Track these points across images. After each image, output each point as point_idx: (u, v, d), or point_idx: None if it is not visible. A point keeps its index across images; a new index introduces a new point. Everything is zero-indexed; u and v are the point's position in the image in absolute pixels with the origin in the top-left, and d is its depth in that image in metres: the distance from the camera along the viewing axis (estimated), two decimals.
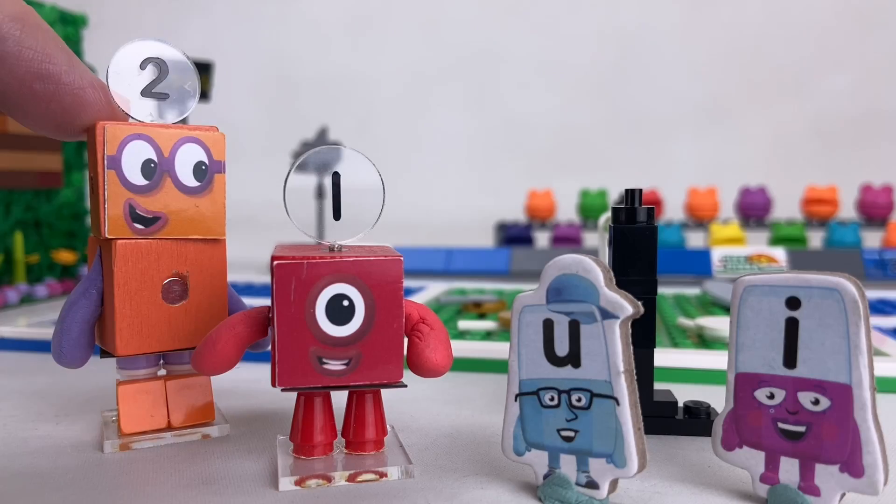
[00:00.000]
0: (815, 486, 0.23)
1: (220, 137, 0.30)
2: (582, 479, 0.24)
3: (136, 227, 0.28)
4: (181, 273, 0.29)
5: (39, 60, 0.26)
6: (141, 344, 0.29)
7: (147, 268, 0.28)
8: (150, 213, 0.28)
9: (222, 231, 0.30)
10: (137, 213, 0.28)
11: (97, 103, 0.27)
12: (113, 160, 0.27)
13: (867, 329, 0.22)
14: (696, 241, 0.91)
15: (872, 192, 0.88)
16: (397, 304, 0.26)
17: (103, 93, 0.28)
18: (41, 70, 0.26)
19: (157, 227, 0.28)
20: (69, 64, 0.27)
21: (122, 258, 0.28)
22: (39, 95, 0.26)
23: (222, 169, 0.30)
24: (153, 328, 0.29)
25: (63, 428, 0.32)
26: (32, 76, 0.26)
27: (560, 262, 0.24)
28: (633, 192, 0.30)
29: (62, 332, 0.28)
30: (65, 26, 0.67)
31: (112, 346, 0.28)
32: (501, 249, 0.84)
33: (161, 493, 0.25)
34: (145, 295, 0.28)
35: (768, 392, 0.23)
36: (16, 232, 0.63)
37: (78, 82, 0.27)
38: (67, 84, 0.26)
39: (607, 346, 0.23)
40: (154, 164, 0.28)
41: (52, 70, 0.26)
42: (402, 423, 0.33)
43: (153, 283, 0.29)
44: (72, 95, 0.27)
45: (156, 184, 0.28)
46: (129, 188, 0.28)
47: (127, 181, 0.28)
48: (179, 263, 0.29)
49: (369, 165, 0.27)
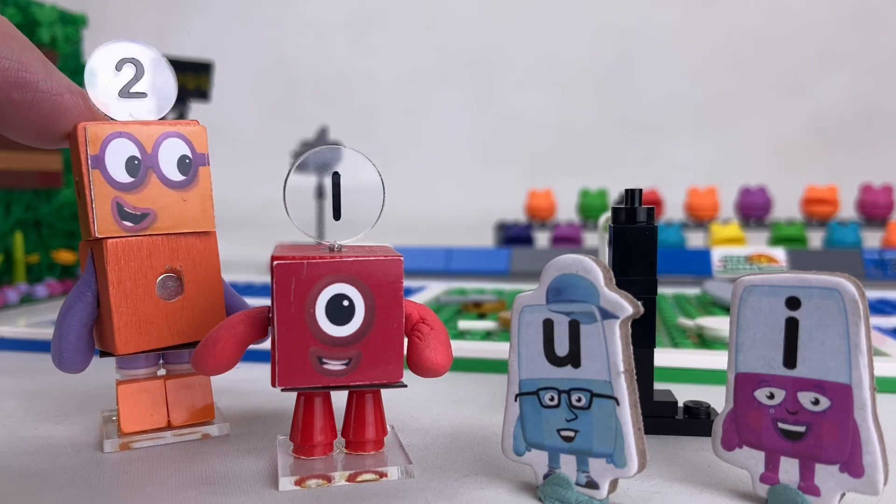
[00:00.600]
0: (814, 486, 0.23)
1: (201, 130, 0.30)
2: (582, 479, 0.24)
3: (125, 224, 0.28)
4: (175, 268, 0.29)
5: (15, 70, 0.26)
6: (140, 342, 0.29)
7: (140, 265, 0.28)
8: (138, 209, 0.28)
9: (212, 224, 0.30)
10: (125, 210, 0.28)
11: (76, 108, 0.27)
12: (96, 160, 0.27)
13: (867, 329, 0.22)
14: (696, 241, 0.91)
15: (872, 192, 0.88)
16: (397, 304, 0.26)
17: (82, 98, 0.28)
18: (18, 79, 0.26)
19: (146, 224, 0.28)
20: (46, 71, 0.27)
21: (114, 256, 0.28)
22: (17, 104, 0.26)
23: (206, 161, 0.30)
24: (151, 325, 0.29)
25: (63, 428, 0.32)
26: (10, 85, 0.26)
27: (560, 262, 0.24)
28: (633, 192, 0.30)
29: (60, 336, 0.28)
30: (65, 26, 0.67)
31: (112, 346, 0.28)
32: (501, 249, 0.84)
33: (161, 493, 0.25)
34: (140, 292, 0.28)
35: (768, 392, 0.23)
36: (16, 232, 0.63)
37: (56, 88, 0.27)
38: (45, 91, 0.26)
39: (607, 346, 0.23)
40: (138, 161, 0.28)
41: (28, 78, 0.26)
42: (402, 423, 0.33)
43: (147, 280, 0.29)
44: (50, 102, 0.27)
45: (141, 180, 0.28)
46: (115, 186, 0.28)
47: (112, 179, 0.28)
48: (172, 259, 0.29)
49: (369, 165, 0.27)
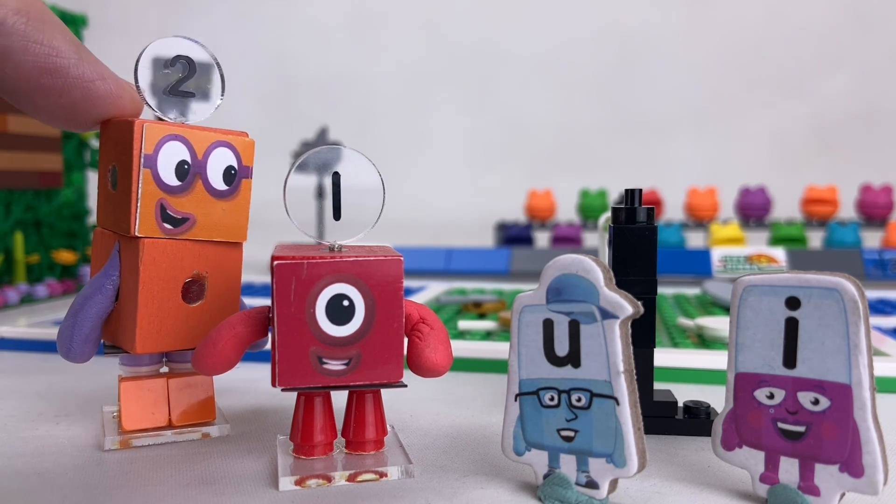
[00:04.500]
0: (814, 485, 0.23)
1: (250, 143, 0.30)
2: (582, 478, 0.24)
3: (165, 227, 0.28)
4: (201, 274, 0.29)
5: (46, 55, 0.25)
6: (160, 342, 0.29)
7: (171, 267, 0.28)
8: (180, 213, 0.28)
9: (244, 235, 0.30)
10: (168, 213, 0.28)
11: (108, 96, 0.27)
12: (149, 159, 0.27)
13: (867, 329, 0.22)
14: (696, 241, 0.91)
15: (872, 192, 0.88)
16: (397, 304, 0.26)
17: (117, 86, 0.27)
18: (48, 65, 0.25)
19: (184, 228, 0.28)
20: (78, 56, 0.26)
21: (150, 257, 0.28)
22: (48, 89, 0.26)
23: (250, 174, 0.30)
24: (171, 327, 0.29)
25: (63, 428, 0.32)
26: (39, 71, 0.25)
27: (560, 262, 0.24)
28: (633, 192, 0.30)
29: (75, 325, 0.28)
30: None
31: (131, 345, 0.28)
32: (501, 249, 0.84)
33: (161, 493, 0.25)
34: (167, 294, 0.28)
35: (768, 392, 0.24)
36: (16, 232, 0.63)
37: (88, 75, 0.26)
38: (76, 77, 0.26)
39: (607, 346, 0.23)
40: (188, 166, 0.28)
41: (59, 64, 0.25)
42: (402, 423, 0.33)
43: (175, 282, 0.29)
44: (81, 89, 0.26)
45: (188, 185, 0.28)
46: (163, 188, 0.28)
47: (161, 181, 0.27)
48: (200, 264, 0.29)
49: (369, 165, 0.27)
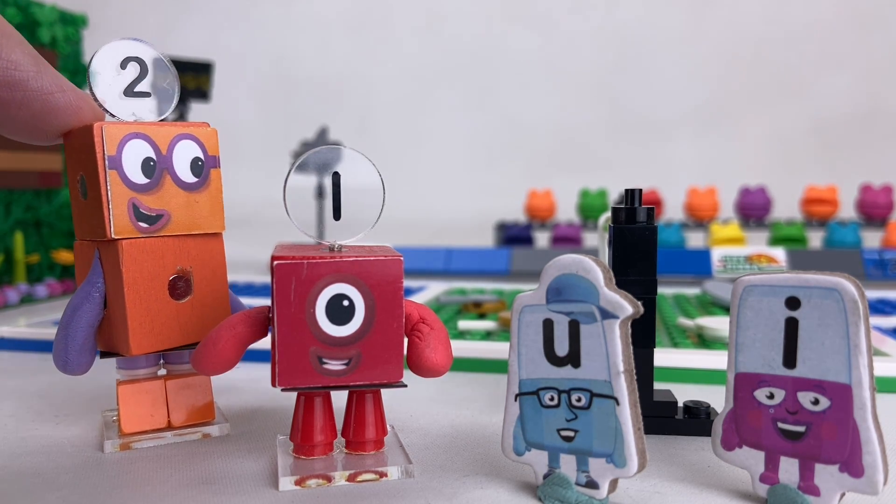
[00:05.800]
0: (814, 485, 0.23)
1: (212, 133, 0.30)
2: (582, 478, 0.24)
3: (140, 225, 0.28)
4: (185, 269, 0.29)
5: (4, 68, 0.25)
6: (154, 342, 0.29)
7: (153, 266, 0.28)
8: (153, 210, 0.28)
9: (221, 225, 0.30)
10: (141, 211, 0.28)
11: (68, 107, 0.27)
12: (114, 160, 0.27)
13: (867, 329, 0.22)
14: (696, 241, 0.91)
15: (872, 192, 0.88)
16: (397, 304, 0.26)
17: (77, 97, 0.27)
18: (7, 78, 0.26)
19: (160, 225, 0.28)
20: (37, 69, 0.26)
21: (130, 257, 0.28)
22: (7, 102, 0.26)
23: (217, 164, 0.30)
24: (163, 326, 0.29)
25: (63, 428, 0.32)
26: None
27: (560, 262, 0.24)
28: (633, 192, 0.30)
29: (67, 338, 0.28)
30: (65, 26, 0.67)
31: (125, 348, 0.28)
32: (501, 249, 0.84)
33: (161, 493, 0.25)
34: (154, 293, 0.28)
35: (768, 392, 0.24)
36: (16, 232, 0.63)
37: (47, 87, 0.26)
38: (35, 90, 0.26)
39: (607, 345, 0.23)
40: (153, 163, 0.28)
41: (18, 77, 0.26)
42: (402, 423, 0.33)
43: (160, 280, 0.29)
44: (41, 101, 0.26)
45: (156, 182, 0.28)
46: (132, 187, 0.28)
47: (129, 180, 0.27)
48: (182, 259, 0.29)
49: (369, 165, 0.27)
